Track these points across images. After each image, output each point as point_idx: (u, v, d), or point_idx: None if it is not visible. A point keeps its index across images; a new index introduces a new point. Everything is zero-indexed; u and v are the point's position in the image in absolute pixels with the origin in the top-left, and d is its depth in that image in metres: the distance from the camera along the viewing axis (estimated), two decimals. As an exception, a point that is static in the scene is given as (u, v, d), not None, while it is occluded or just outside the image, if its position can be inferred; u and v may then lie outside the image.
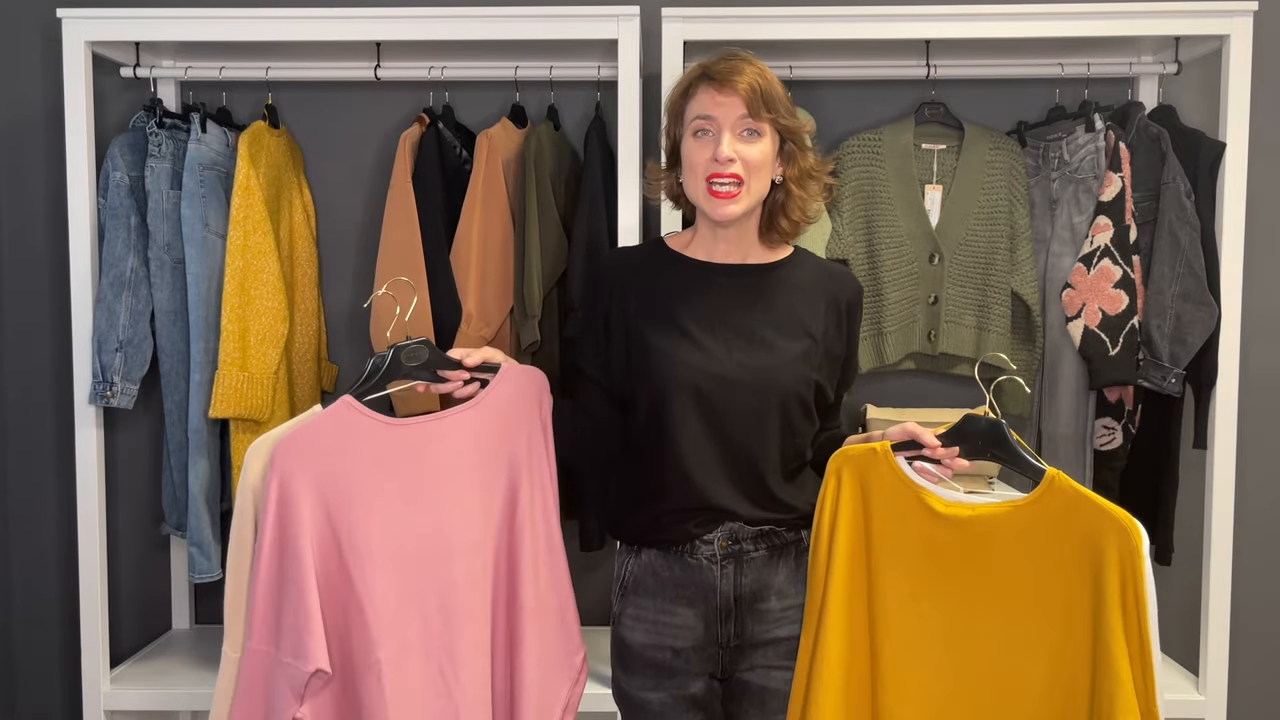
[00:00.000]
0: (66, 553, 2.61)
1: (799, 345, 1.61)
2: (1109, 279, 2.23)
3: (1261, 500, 2.55)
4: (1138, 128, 2.29)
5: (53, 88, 2.54)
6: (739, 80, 1.53)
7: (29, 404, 2.61)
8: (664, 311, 1.63)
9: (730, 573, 1.61)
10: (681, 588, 1.62)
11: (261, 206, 2.25)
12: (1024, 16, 2.15)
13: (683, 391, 1.58)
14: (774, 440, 1.60)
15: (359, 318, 2.56)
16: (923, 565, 1.55)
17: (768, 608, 1.63)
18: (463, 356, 1.59)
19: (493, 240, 2.29)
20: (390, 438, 1.51)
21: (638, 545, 1.66)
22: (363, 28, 2.18)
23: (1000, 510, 1.50)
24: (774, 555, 1.63)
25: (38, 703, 2.68)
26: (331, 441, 1.46)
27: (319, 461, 1.44)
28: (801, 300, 1.65)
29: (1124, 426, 2.30)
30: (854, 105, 2.53)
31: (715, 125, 1.55)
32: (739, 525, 1.61)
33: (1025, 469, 1.52)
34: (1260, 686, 2.59)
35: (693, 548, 1.61)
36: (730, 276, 1.65)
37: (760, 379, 1.58)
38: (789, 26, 2.16)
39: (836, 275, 1.71)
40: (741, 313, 1.62)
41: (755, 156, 1.55)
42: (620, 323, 1.65)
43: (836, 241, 2.35)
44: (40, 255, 2.59)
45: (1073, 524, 1.44)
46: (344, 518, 1.45)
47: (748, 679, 1.64)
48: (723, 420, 1.58)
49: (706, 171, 1.55)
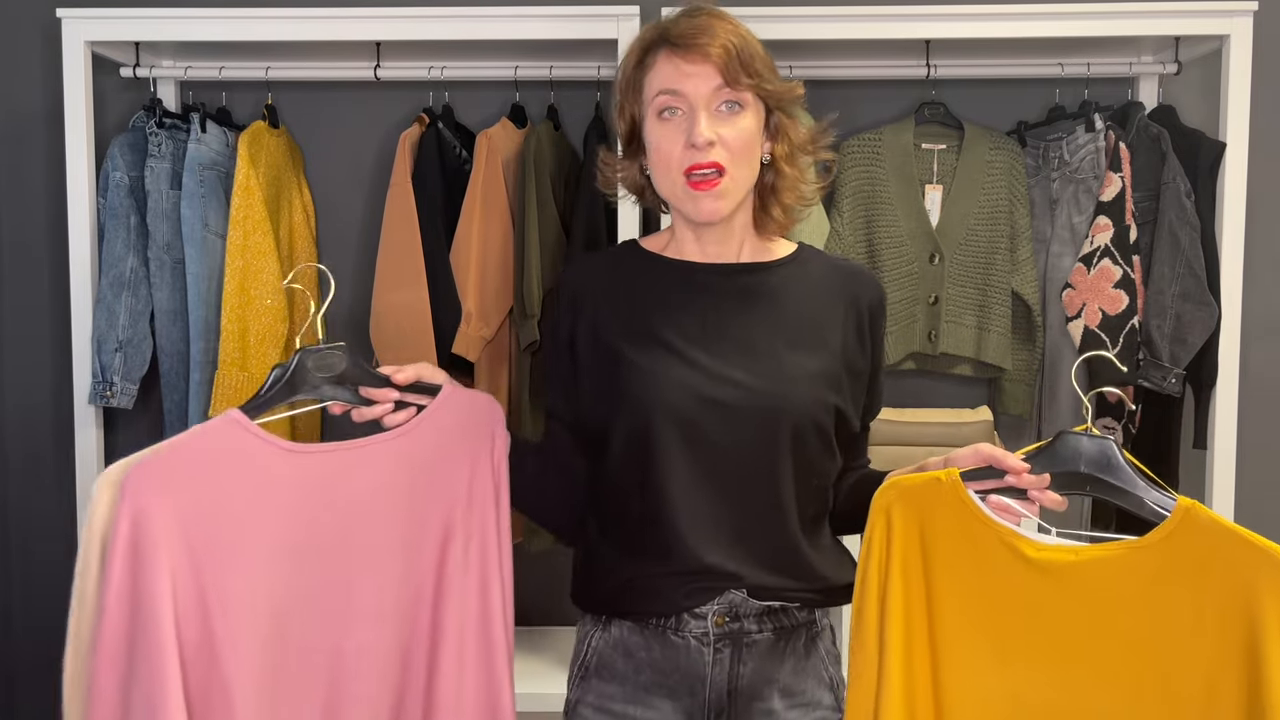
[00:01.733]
0: (66, 553, 2.60)
1: (814, 360, 1.29)
2: (1109, 279, 2.23)
3: (1261, 500, 2.55)
4: (1138, 128, 2.29)
5: (52, 88, 2.53)
6: (710, 43, 1.22)
7: (29, 404, 2.61)
8: (641, 324, 1.30)
9: (725, 659, 1.25)
10: (661, 674, 1.26)
11: (261, 206, 2.25)
12: (1024, 16, 2.15)
13: (668, 420, 1.24)
14: (787, 482, 1.26)
15: (359, 317, 2.56)
16: (1012, 628, 1.19)
17: (769, 708, 1.27)
18: (392, 372, 1.28)
19: (492, 240, 2.29)
20: (286, 469, 1.18)
21: (606, 615, 1.31)
22: (363, 28, 2.18)
23: (1114, 554, 1.17)
24: (781, 640, 1.28)
25: (38, 703, 2.67)
26: (206, 469, 1.13)
27: (187, 494, 1.11)
28: (814, 304, 1.32)
29: (1124, 426, 2.30)
30: (854, 105, 2.53)
31: (686, 102, 1.23)
32: (741, 597, 1.25)
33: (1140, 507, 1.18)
34: (1260, 686, 2.59)
35: (679, 623, 1.25)
36: (723, 278, 1.32)
37: (767, 403, 1.25)
38: (788, 26, 2.16)
39: (854, 274, 1.39)
40: (740, 321, 1.30)
41: (739, 136, 1.24)
42: (589, 343, 1.32)
43: (836, 241, 2.35)
44: (40, 255, 2.58)
45: (1215, 569, 1.11)
46: (215, 569, 1.12)
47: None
48: (720, 456, 1.25)
49: (682, 163, 1.23)
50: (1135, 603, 1.15)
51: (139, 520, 1.09)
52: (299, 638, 1.17)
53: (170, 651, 1.08)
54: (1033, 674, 1.18)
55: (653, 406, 1.25)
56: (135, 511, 1.08)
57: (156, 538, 1.09)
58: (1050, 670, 1.18)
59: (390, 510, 1.24)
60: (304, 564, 1.18)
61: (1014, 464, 1.18)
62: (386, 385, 1.27)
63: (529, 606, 2.45)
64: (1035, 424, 2.44)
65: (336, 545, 1.20)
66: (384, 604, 1.23)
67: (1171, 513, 1.15)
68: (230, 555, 1.13)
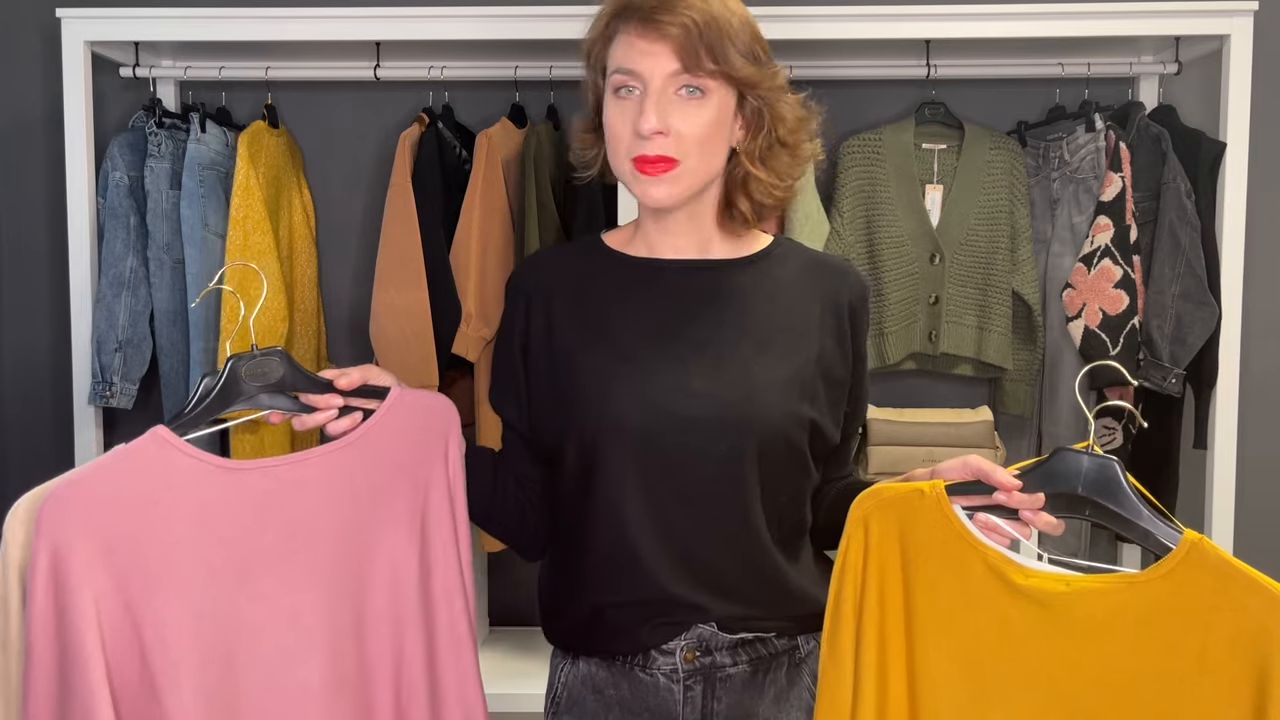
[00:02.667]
0: (66, 553, 2.60)
1: (786, 367, 1.17)
2: (1109, 279, 2.23)
3: (1261, 500, 2.55)
4: (1138, 128, 2.29)
5: (52, 88, 2.53)
6: (669, 21, 1.09)
7: (29, 404, 2.61)
8: (595, 327, 1.19)
9: (697, 696, 1.16)
10: (630, 713, 1.17)
11: (261, 206, 2.25)
12: (1024, 16, 2.15)
13: (622, 434, 1.13)
14: (755, 501, 1.15)
15: (359, 318, 2.56)
16: (993, 661, 1.08)
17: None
18: (335, 376, 1.15)
19: (492, 240, 2.29)
20: (222, 488, 1.07)
21: (573, 651, 1.23)
22: (363, 28, 2.18)
23: (1111, 587, 1.05)
24: (758, 672, 1.19)
25: (37, 703, 2.67)
26: (131, 494, 1.02)
27: (111, 523, 1.00)
28: (788, 305, 1.21)
29: (1124, 426, 2.30)
30: (854, 105, 2.53)
31: (641, 82, 1.13)
32: (710, 630, 1.16)
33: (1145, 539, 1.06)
34: (1260, 687, 2.59)
35: (646, 659, 1.16)
36: (686, 275, 1.21)
37: (733, 414, 1.14)
38: (788, 26, 2.16)
39: (833, 269, 1.27)
40: (703, 324, 1.18)
41: (695, 128, 1.12)
42: (542, 346, 1.21)
43: (836, 241, 2.35)
44: (40, 255, 2.58)
45: (1222, 610, 1.00)
46: (149, 602, 1.02)
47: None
48: (681, 475, 1.14)
49: (630, 149, 1.13)
50: (1131, 641, 1.04)
51: (58, 556, 0.97)
52: (249, 670, 1.07)
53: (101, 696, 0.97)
54: (1014, 711, 1.07)
55: (605, 420, 1.14)
56: (53, 547, 0.97)
57: (79, 574, 0.98)
58: (1034, 708, 1.07)
59: (337, 527, 1.12)
60: (247, 591, 1.07)
61: (1005, 480, 1.05)
62: (329, 390, 1.15)
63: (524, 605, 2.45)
64: (1036, 424, 2.44)
65: (280, 568, 1.09)
66: (338, 625, 1.11)
67: (1176, 546, 1.04)
68: (164, 586, 1.03)
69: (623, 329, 1.18)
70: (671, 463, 1.14)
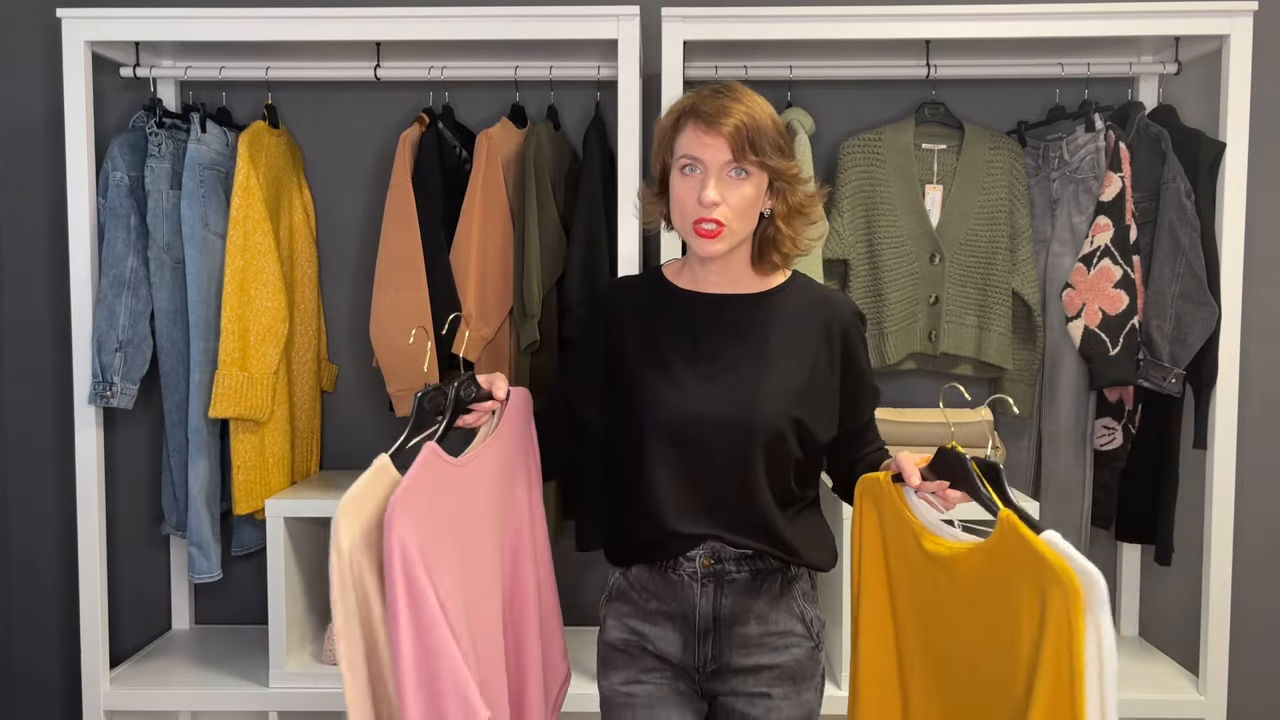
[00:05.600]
0: (66, 553, 2.61)
1: (782, 380, 1.56)
2: (1109, 279, 2.23)
3: (1261, 500, 2.55)
4: (1138, 128, 2.29)
5: (53, 88, 2.54)
6: (725, 122, 1.49)
7: (29, 404, 2.61)
8: (651, 346, 1.60)
9: (710, 592, 1.57)
10: (663, 601, 1.59)
11: (261, 206, 2.25)
12: (1024, 16, 2.15)
13: (660, 431, 1.55)
14: (760, 482, 1.55)
15: (359, 317, 2.56)
16: (914, 602, 1.48)
17: (747, 632, 1.58)
18: (489, 385, 1.59)
19: (492, 240, 2.29)
20: (457, 482, 1.46)
21: (625, 564, 1.65)
22: (363, 28, 2.18)
23: (962, 552, 1.38)
24: (757, 579, 1.58)
25: (38, 703, 2.68)
26: (426, 495, 1.39)
27: (420, 517, 1.36)
28: (792, 331, 1.60)
29: (1124, 426, 2.30)
30: (854, 105, 2.53)
31: (702, 166, 1.51)
32: (720, 545, 1.57)
33: (987, 507, 1.37)
34: (1260, 686, 2.59)
35: (675, 564, 1.58)
36: (716, 308, 1.61)
37: (740, 417, 1.54)
38: (789, 26, 2.16)
39: (830, 301, 1.65)
40: (727, 346, 1.59)
41: (740, 200, 1.52)
42: (615, 356, 1.63)
43: (837, 241, 2.35)
44: (40, 255, 2.59)
45: (1022, 573, 1.26)
46: (433, 571, 1.36)
47: (730, 705, 1.59)
48: (704, 461, 1.55)
49: (693, 214, 1.52)
50: (972, 591, 1.35)
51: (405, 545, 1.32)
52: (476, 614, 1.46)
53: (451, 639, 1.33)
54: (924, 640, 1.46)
55: (647, 421, 1.57)
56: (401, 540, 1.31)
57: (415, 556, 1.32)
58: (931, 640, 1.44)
59: (498, 499, 1.57)
60: (470, 554, 1.47)
61: (909, 475, 1.45)
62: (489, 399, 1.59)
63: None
64: (1036, 424, 2.44)
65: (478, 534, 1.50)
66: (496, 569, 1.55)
67: (997, 523, 1.31)
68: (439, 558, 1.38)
69: (667, 348, 1.60)
70: (697, 450, 1.55)
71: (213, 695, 2.25)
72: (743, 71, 2.38)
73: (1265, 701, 2.60)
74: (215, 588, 2.56)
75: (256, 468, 2.27)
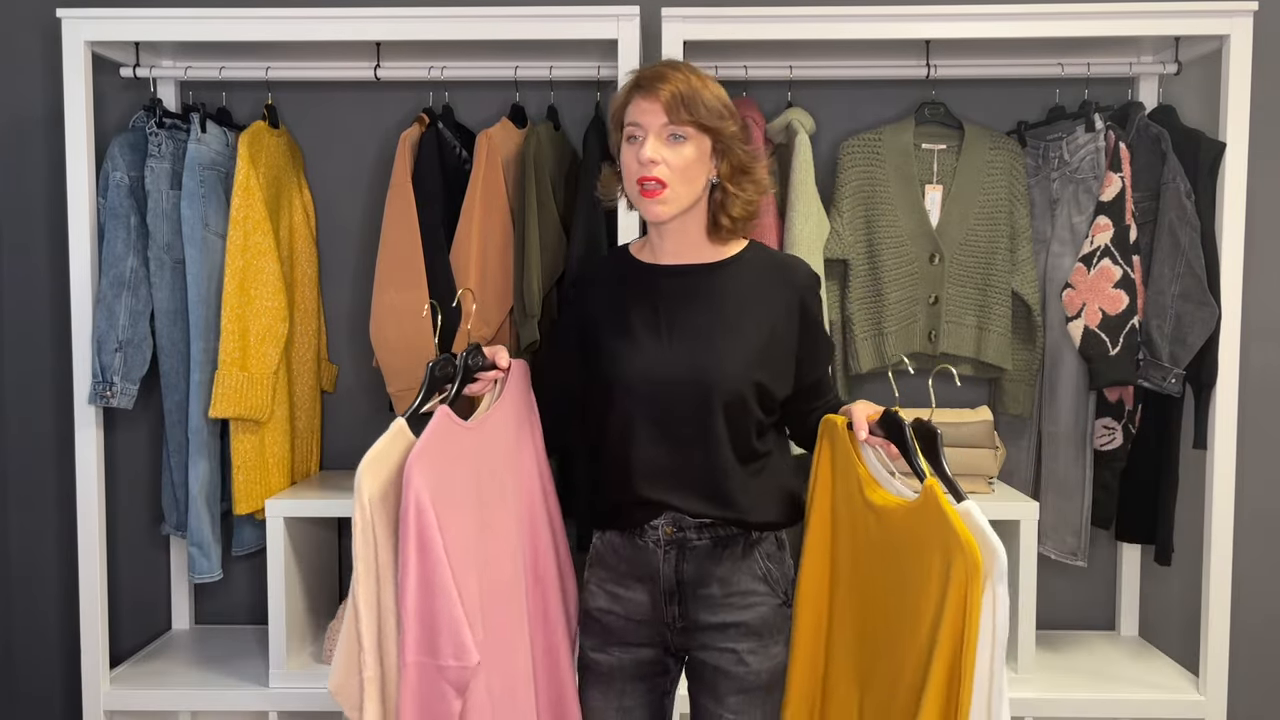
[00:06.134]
0: (66, 553, 2.61)
1: (742, 344, 1.64)
2: (1109, 279, 2.23)
3: (1261, 500, 2.55)
4: (1138, 128, 2.29)
5: (53, 88, 2.54)
6: (662, 88, 1.58)
7: (29, 404, 2.61)
8: (616, 316, 1.70)
9: (673, 558, 1.67)
10: (632, 566, 1.70)
11: (261, 206, 2.25)
12: (1024, 16, 2.15)
13: (628, 395, 1.64)
14: (722, 441, 1.63)
15: (359, 317, 2.56)
16: (850, 541, 1.63)
17: (710, 593, 1.67)
18: (493, 356, 1.71)
19: (492, 240, 2.29)
20: (468, 442, 1.57)
21: (601, 528, 1.76)
22: (363, 28, 2.18)
23: (893, 506, 1.52)
24: (718, 546, 1.67)
25: (37, 703, 2.68)
26: (439, 452, 1.49)
27: (434, 471, 1.47)
28: (749, 296, 1.67)
29: (1124, 426, 2.30)
30: (854, 105, 2.53)
31: (642, 131, 1.60)
32: (679, 515, 1.66)
33: (916, 473, 1.49)
34: (1260, 686, 2.59)
35: (642, 532, 1.69)
36: (674, 277, 1.69)
37: (702, 379, 1.62)
38: (789, 26, 2.16)
39: (786, 265, 1.73)
40: (687, 313, 1.66)
41: (678, 160, 1.59)
42: (586, 328, 1.73)
43: (837, 241, 2.35)
44: (40, 255, 2.59)
45: (935, 538, 1.41)
46: (446, 524, 1.47)
47: (702, 659, 1.70)
48: (669, 422, 1.63)
49: (635, 174, 1.61)
50: (899, 545, 1.50)
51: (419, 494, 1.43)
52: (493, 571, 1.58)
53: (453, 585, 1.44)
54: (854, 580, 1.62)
55: (616, 385, 1.66)
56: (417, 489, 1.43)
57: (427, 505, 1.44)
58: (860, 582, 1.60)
59: (509, 459, 1.68)
60: (485, 513, 1.58)
61: (858, 428, 1.58)
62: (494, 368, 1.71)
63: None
64: (1035, 423, 2.44)
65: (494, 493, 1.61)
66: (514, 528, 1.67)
67: (922, 488, 1.45)
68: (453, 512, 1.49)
69: (631, 317, 1.68)
70: (660, 412, 1.64)
71: (213, 695, 2.25)
72: (743, 71, 2.38)
73: (1265, 701, 2.60)
74: (215, 588, 2.56)
75: (256, 468, 2.27)
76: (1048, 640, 2.50)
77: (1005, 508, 2.22)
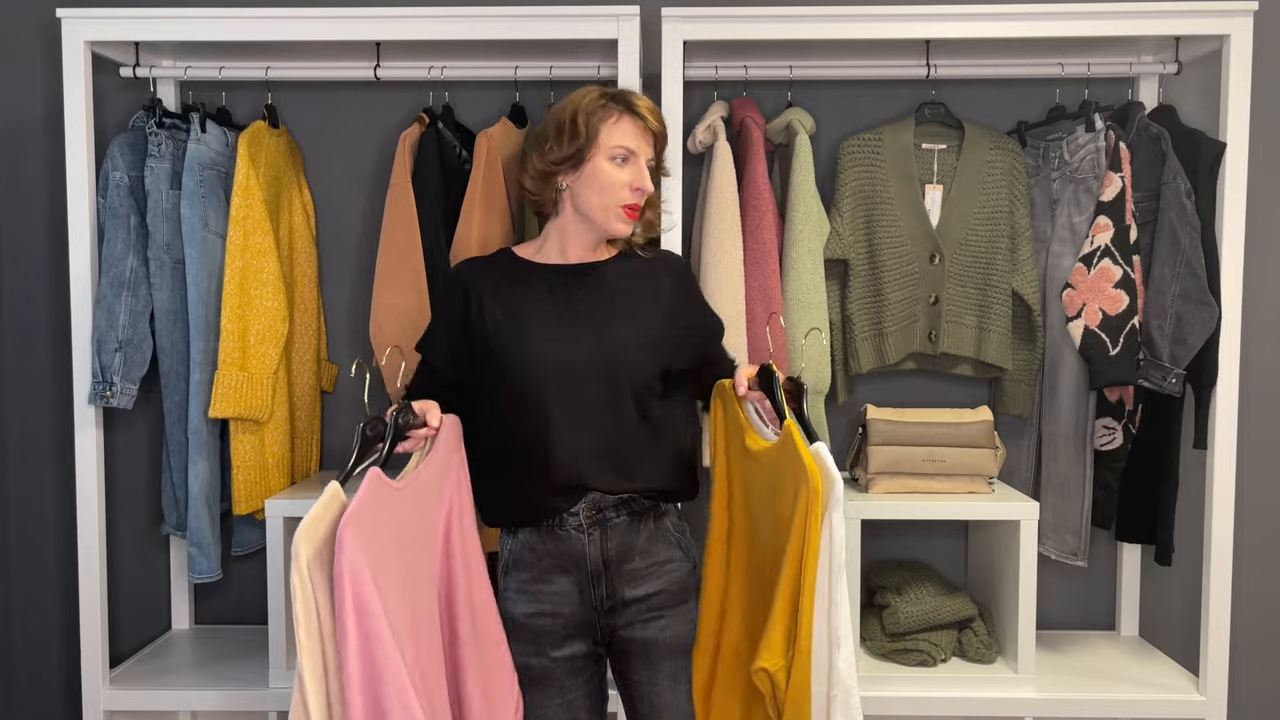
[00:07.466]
0: (66, 553, 2.61)
1: (639, 325, 1.80)
2: (1109, 279, 2.23)
3: (1261, 500, 2.55)
4: (1138, 128, 2.29)
5: (53, 88, 2.54)
6: (653, 123, 1.78)
7: (29, 404, 2.61)
8: (514, 313, 1.80)
9: (597, 538, 1.77)
10: (555, 558, 1.78)
11: (261, 206, 2.25)
12: (1024, 16, 2.15)
13: (540, 383, 1.74)
14: (630, 422, 1.76)
15: (359, 318, 2.56)
16: (742, 485, 1.81)
17: (633, 567, 1.79)
18: (423, 413, 1.72)
19: (492, 240, 2.28)
20: (400, 503, 1.57)
21: (513, 527, 1.82)
22: (363, 28, 2.18)
23: (764, 448, 1.70)
24: (634, 520, 1.79)
25: (37, 702, 2.68)
26: (372, 517, 1.47)
27: (367, 536, 1.44)
28: (636, 284, 1.84)
29: (1124, 426, 2.30)
30: (854, 105, 2.53)
31: (636, 158, 1.77)
32: (599, 496, 1.76)
33: (779, 415, 1.68)
34: (1260, 686, 2.59)
35: (561, 521, 1.77)
36: (570, 275, 1.83)
37: (609, 366, 1.75)
38: (789, 26, 2.16)
39: (659, 256, 1.93)
40: (586, 305, 1.80)
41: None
42: (478, 324, 1.81)
43: (837, 241, 2.35)
44: (40, 255, 2.59)
45: (791, 470, 1.59)
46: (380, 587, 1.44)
47: (629, 635, 1.80)
48: (579, 408, 1.74)
49: (628, 198, 1.77)
50: (771, 482, 1.67)
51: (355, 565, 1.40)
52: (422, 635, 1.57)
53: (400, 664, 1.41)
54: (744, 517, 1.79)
55: (528, 375, 1.75)
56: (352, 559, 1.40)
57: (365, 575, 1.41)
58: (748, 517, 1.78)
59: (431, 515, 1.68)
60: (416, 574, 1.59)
61: (737, 384, 1.76)
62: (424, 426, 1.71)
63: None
64: (1036, 424, 2.44)
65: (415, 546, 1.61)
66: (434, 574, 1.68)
67: (781, 430, 1.63)
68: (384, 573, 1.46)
69: (534, 311, 1.80)
70: (570, 397, 1.75)
71: (213, 695, 2.25)
72: (743, 71, 2.38)
73: (1265, 701, 2.60)
74: (215, 588, 2.56)
75: (256, 468, 2.27)
76: (1048, 640, 2.50)
77: (1005, 508, 2.22)
